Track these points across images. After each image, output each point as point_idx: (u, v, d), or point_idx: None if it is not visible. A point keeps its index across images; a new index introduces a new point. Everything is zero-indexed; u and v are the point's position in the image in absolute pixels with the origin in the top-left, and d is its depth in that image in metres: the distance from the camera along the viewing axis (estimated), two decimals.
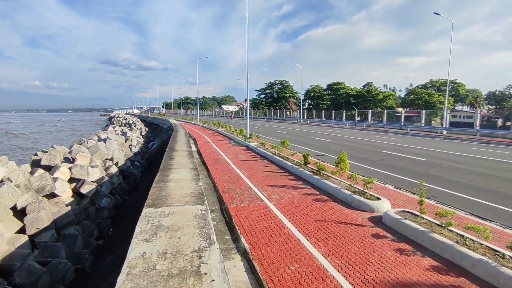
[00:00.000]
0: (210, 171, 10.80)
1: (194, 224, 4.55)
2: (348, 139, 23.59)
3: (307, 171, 9.81)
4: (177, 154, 12.02)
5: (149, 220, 4.72)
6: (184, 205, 5.55)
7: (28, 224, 8.02)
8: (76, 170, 11.73)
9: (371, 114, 42.85)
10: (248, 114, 20.22)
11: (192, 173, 8.35)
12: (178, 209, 5.28)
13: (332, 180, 8.55)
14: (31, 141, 51.51)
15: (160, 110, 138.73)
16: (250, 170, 10.94)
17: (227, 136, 23.65)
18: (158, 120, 60.32)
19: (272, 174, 10.22)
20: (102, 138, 20.53)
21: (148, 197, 6.06)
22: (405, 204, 6.99)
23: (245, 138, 19.30)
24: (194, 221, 4.66)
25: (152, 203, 5.65)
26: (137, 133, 32.87)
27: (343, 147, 18.42)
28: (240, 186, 8.56)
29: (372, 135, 27.81)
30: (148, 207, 5.45)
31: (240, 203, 6.97)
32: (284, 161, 11.74)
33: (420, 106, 55.82)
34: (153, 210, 5.27)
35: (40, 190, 9.60)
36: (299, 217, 6.08)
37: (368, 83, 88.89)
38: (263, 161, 12.81)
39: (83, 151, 13.95)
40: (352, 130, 35.87)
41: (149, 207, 5.43)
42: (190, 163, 10.08)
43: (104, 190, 12.00)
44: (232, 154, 14.87)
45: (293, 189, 8.33)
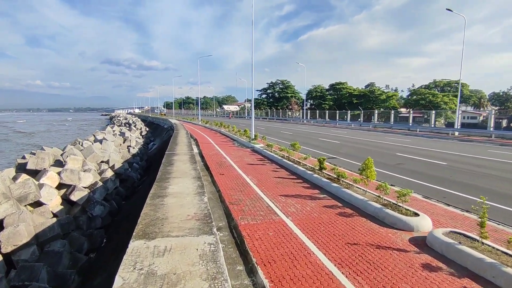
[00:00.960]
0: (214, 176, 9.74)
1: (200, 271, 3.23)
2: (357, 141, 22.52)
3: (324, 177, 8.74)
4: (177, 159, 10.90)
5: (136, 262, 3.41)
6: (187, 234, 4.28)
7: (3, 240, 6.96)
8: (66, 175, 10.66)
9: (377, 114, 41.66)
10: (253, 114, 19.15)
11: (195, 184, 7.22)
12: (178, 243, 3.99)
13: (355, 190, 7.49)
14: (44, 139, 51.36)
15: (161, 110, 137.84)
16: (258, 175, 9.88)
17: (230, 137, 22.59)
18: (159, 120, 59.34)
19: (283, 181, 9.16)
20: (98, 139, 19.43)
21: (138, 222, 4.74)
22: (446, 220, 5.92)
23: (250, 140, 18.24)
24: (200, 266, 3.34)
25: (144, 232, 4.36)
26: (137, 133, 31.78)
27: (354, 149, 17.35)
28: (249, 196, 7.51)
29: (381, 136, 26.73)
30: (138, 238, 4.15)
31: (252, 218, 5.91)
32: (295, 165, 10.68)
33: (424, 107, 54.81)
34: (143, 243, 3.95)
35: (22, 199, 8.56)
36: (325, 238, 5.02)
37: (370, 83, 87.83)
38: (271, 165, 11.76)
39: (75, 153, 12.86)
40: (358, 131, 34.77)
41: (138, 239, 4.12)
42: (193, 170, 8.98)
43: (97, 196, 10.94)
44: (237, 157, 13.82)
45: (311, 199, 7.27)
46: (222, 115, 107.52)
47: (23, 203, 8.59)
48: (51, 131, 72.79)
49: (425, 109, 49.98)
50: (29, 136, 59.63)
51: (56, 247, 7.78)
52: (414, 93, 67.35)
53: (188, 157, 11.35)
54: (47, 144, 39.96)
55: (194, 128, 34.32)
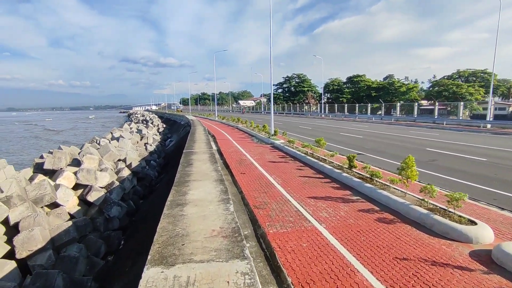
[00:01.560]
0: (235, 176, 9.19)
1: None
2: (380, 135, 21.42)
3: (355, 177, 8.01)
4: (196, 158, 10.37)
5: None
6: (213, 258, 3.45)
7: (18, 246, 6.71)
8: (82, 175, 10.40)
9: (399, 107, 39.97)
10: (273, 109, 18.42)
11: (218, 189, 6.60)
12: (204, 271, 3.15)
13: (392, 191, 6.73)
14: (72, 136, 53.22)
15: (178, 106, 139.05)
16: (282, 174, 9.24)
17: (248, 133, 22.02)
18: (176, 117, 59.57)
19: (309, 181, 8.49)
20: (115, 137, 19.29)
21: (154, 240, 3.95)
22: (508, 229, 5.09)
23: (269, 135, 17.59)
24: None
25: (161, 255, 3.52)
26: (154, 130, 31.69)
27: (380, 145, 16.38)
28: (274, 198, 6.89)
29: (405, 130, 25.42)
30: (154, 264, 3.34)
31: (281, 225, 5.29)
32: (320, 163, 9.97)
33: (447, 98, 52.18)
34: (160, 273, 3.13)
35: (38, 201, 8.32)
36: (368, 251, 4.34)
37: (388, 75, 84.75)
38: (294, 163, 11.09)
39: (92, 152, 12.64)
40: (380, 124, 33.40)
41: (154, 265, 3.31)
42: (214, 172, 8.36)
43: (114, 197, 10.63)
44: (257, 154, 13.22)
45: (343, 202, 6.57)
46: (238, 111, 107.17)
47: (39, 204, 8.36)
48: (77, 128, 75.62)
49: (449, 101, 47.66)
50: (58, 133, 62.36)
51: (73, 251, 7.48)
52: (436, 84, 64.27)
53: (208, 155, 10.82)
54: (74, 140, 41.18)
55: (211, 124, 33.99)
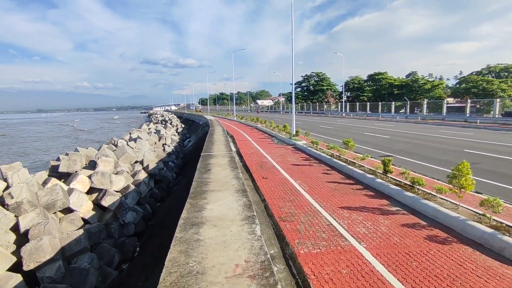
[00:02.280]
0: (256, 181, 8.48)
1: None
2: (409, 135, 20.07)
3: (391, 184, 7.10)
4: (215, 162, 9.64)
5: None
6: None
7: (25, 257, 6.31)
8: (97, 178, 10.02)
9: (426, 105, 37.91)
10: (294, 108, 17.54)
11: (240, 202, 5.69)
12: None
13: (439, 202, 5.79)
14: (101, 135, 55.10)
15: (196, 106, 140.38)
16: (308, 179, 8.44)
17: (268, 133, 21.28)
18: (194, 116, 59.68)
19: (339, 187, 7.65)
20: (133, 138, 19.08)
21: (161, 279, 3.08)
22: None
23: (291, 136, 16.77)
24: None
25: None
26: (172, 130, 31.49)
27: (410, 146, 15.18)
28: (302, 208, 6.12)
29: (434, 129, 23.82)
30: None
31: (313, 244, 4.52)
32: (349, 166, 9.08)
33: (476, 95, 49.24)
34: None
35: (50, 207, 7.96)
36: (426, 283, 3.50)
37: (411, 72, 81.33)
38: (319, 166, 10.25)
39: (107, 154, 12.29)
40: (406, 123, 31.72)
41: None
42: (235, 179, 7.50)
43: (130, 201, 10.19)
44: (279, 155, 12.46)
45: (381, 214, 5.71)
46: (256, 110, 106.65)
47: (51, 210, 8.01)
48: (105, 128, 78.18)
49: (478, 98, 45.02)
50: (88, 133, 65.12)
51: (84, 261, 7.04)
52: (464, 81, 60.83)
53: (227, 159, 10.14)
54: (104, 139, 42.42)
55: (229, 124, 33.51)
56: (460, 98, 49.95)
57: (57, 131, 72.73)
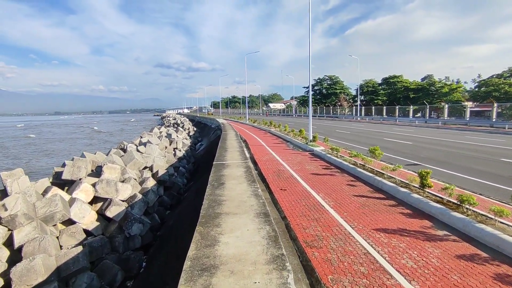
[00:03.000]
0: (273, 193, 7.63)
1: None
2: (433, 141, 18.81)
3: (432, 200, 6.12)
4: (229, 174, 8.52)
5: None
6: None
7: (15, 279, 5.63)
8: (101, 187, 9.36)
9: (447, 109, 36.20)
10: (311, 111, 16.58)
11: (263, 232, 4.50)
12: None
13: (500, 227, 4.81)
14: (121, 136, 55.87)
15: (208, 109, 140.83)
16: (331, 192, 7.54)
17: (282, 138, 20.40)
18: (206, 120, 59.39)
19: (368, 202, 6.71)
20: (143, 142, 18.47)
21: None
22: None
23: (307, 141, 15.84)
24: None
25: None
26: (183, 134, 30.88)
27: (438, 153, 14.02)
28: (330, 229, 5.24)
29: (460, 135, 22.41)
30: None
31: (351, 282, 3.64)
32: (377, 178, 8.12)
33: (498, 99, 47.02)
34: None
35: (48, 219, 7.34)
36: None
37: (427, 75, 78.87)
38: (342, 176, 9.31)
39: (114, 160, 11.65)
40: (426, 128, 30.25)
41: None
42: (253, 198, 6.26)
43: (136, 212, 9.47)
44: (296, 163, 11.57)
45: (427, 240, 4.77)
46: (269, 114, 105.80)
47: (49, 223, 7.38)
48: (124, 130, 79.34)
49: (500, 102, 42.99)
50: (109, 135, 66.17)
51: (83, 282, 6.35)
52: (484, 84, 58.29)
53: (243, 170, 9.02)
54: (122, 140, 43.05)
55: (241, 127, 32.80)
56: (483, 102, 47.84)
57: (79, 132, 74.48)
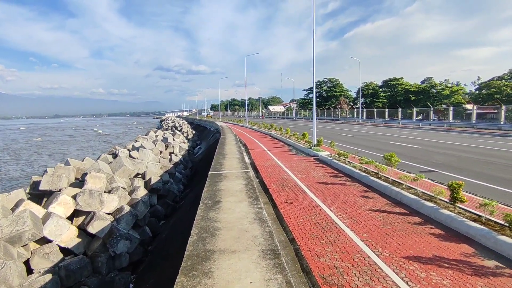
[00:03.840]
0: (278, 207, 6.66)
1: None
2: (443, 145, 17.87)
3: (467, 219, 5.16)
4: (226, 188, 6.97)
5: None
6: None
7: None
8: (83, 199, 8.30)
9: (452, 111, 35.34)
10: (315, 113, 15.60)
11: (273, 285, 3.01)
12: None
13: None
14: (126, 139, 55.04)
15: (208, 112, 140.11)
16: (344, 205, 6.57)
17: (283, 142, 19.45)
18: (205, 123, 58.45)
19: (389, 219, 5.75)
20: (136, 147, 17.33)
21: None
22: None
23: (311, 145, 14.90)
24: None
25: None
26: (181, 138, 29.71)
27: (451, 158, 13.07)
28: (350, 258, 4.27)
29: (469, 138, 21.49)
30: None
31: None
32: (395, 188, 7.17)
33: (499, 102, 46.45)
34: None
35: (15, 240, 6.34)
36: None
37: (427, 78, 78.10)
38: (353, 185, 8.34)
39: (101, 168, 10.59)
40: (431, 131, 29.34)
41: None
42: (257, 225, 4.64)
43: (123, 226, 8.41)
44: (301, 170, 10.61)
45: (477, 275, 3.80)
46: (268, 116, 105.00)
47: (17, 244, 6.41)
48: (128, 133, 78.44)
49: (503, 104, 42.43)
50: (115, 137, 66.24)
51: None
52: (486, 86, 57.55)
53: (243, 183, 7.47)
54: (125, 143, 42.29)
55: (241, 130, 31.86)
56: (485, 104, 47.18)
57: (84, 135, 74.21)
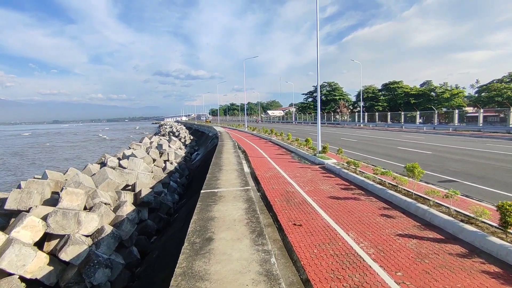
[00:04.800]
0: (285, 230, 5.55)
1: None
2: (455, 150, 16.81)
3: None
4: (221, 216, 5.34)
5: None
6: None
7: None
8: (55, 220, 7.05)
9: (457, 115, 34.37)
10: (319, 117, 14.42)
11: None
12: None
13: None
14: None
15: (207, 117, 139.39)
16: (365, 229, 5.47)
17: (285, 148, 18.38)
18: (204, 128, 57.41)
19: (424, 248, 4.65)
20: (126, 155, 16.06)
21: None
22: None
23: (315, 152, 13.82)
24: None
25: None
26: (177, 144, 28.42)
27: (468, 165, 12.00)
28: None
29: (480, 143, 20.44)
30: None
31: None
32: (423, 207, 6.08)
33: (500, 104, 45.87)
34: None
35: None
36: None
37: (426, 81, 77.62)
38: (369, 200, 7.24)
39: (81, 181, 9.32)
40: (436, 135, 28.35)
41: None
42: (264, 285, 3.10)
43: (104, 250, 7.21)
44: (306, 181, 9.51)
45: None
46: (267, 121, 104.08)
47: None
48: (134, 138, 77.70)
49: (502, 107, 41.93)
50: (121, 142, 65.90)
51: None
52: (486, 89, 56.83)
53: (243, 207, 5.80)
54: None
55: (240, 136, 30.78)
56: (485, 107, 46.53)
57: (90, 140, 73.65)
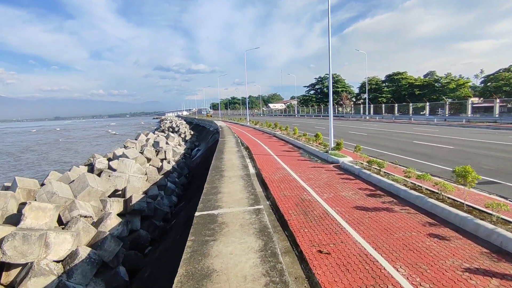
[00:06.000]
0: (308, 260, 4.14)
1: None
2: (481, 144, 15.27)
3: None
4: (222, 269, 3.23)
5: None
6: None
7: None
8: (12, 245, 5.48)
9: (470, 105, 32.69)
10: (331, 109, 12.75)
11: None
12: None
13: None
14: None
15: (208, 111, 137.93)
16: (417, 259, 4.06)
17: (292, 144, 16.93)
18: (205, 122, 55.98)
19: None
20: (117, 155, 14.47)
21: None
22: None
23: (328, 149, 12.36)
24: None
25: None
26: (175, 140, 26.83)
27: (503, 162, 10.53)
28: None
29: (504, 135, 18.88)
30: None
31: None
32: (488, 225, 4.65)
33: (508, 94, 44.30)
34: None
35: None
36: None
37: (429, 72, 75.29)
38: (405, 211, 5.82)
39: (55, 191, 7.73)
40: (449, 127, 26.79)
41: None
42: None
43: (78, 279, 5.68)
44: (323, 184, 8.08)
45: None
46: (269, 114, 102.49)
47: None
48: (139, 132, 77.09)
49: (509, 97, 40.57)
50: (132, 137, 65.80)
51: None
52: (493, 79, 54.82)
53: (256, 249, 3.72)
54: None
55: (242, 130, 29.33)
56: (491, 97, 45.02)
57: (101, 136, 73.24)
